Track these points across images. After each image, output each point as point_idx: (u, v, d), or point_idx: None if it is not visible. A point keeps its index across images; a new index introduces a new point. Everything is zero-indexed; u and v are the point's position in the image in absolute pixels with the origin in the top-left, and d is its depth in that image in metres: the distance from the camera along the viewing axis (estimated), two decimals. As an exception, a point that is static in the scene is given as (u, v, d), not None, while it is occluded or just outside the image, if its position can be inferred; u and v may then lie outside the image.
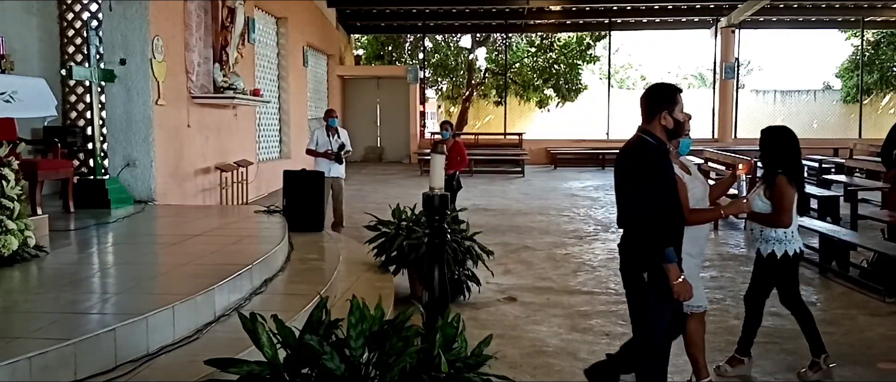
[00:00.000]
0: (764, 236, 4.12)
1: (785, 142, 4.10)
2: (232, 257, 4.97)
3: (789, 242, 4.10)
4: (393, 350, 2.41)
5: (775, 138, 4.13)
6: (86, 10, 8.54)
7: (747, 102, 26.51)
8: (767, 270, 4.18)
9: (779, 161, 4.07)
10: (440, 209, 3.68)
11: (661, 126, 3.21)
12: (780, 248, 4.10)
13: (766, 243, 4.11)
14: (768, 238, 4.10)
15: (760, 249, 4.15)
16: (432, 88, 26.87)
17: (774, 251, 4.10)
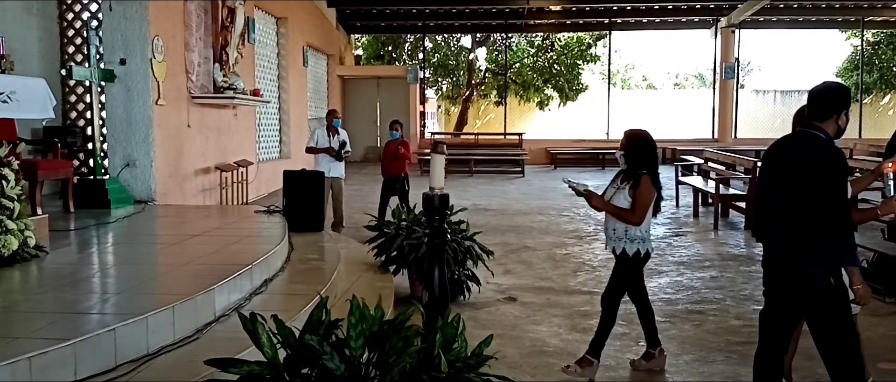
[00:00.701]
0: (629, 236, 4.16)
1: (648, 146, 4.22)
2: (232, 257, 4.97)
3: (648, 241, 4.22)
4: (393, 350, 2.41)
5: (640, 142, 4.23)
6: (86, 10, 8.55)
7: (747, 103, 26.51)
8: (623, 269, 4.24)
9: (642, 163, 4.17)
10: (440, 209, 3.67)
11: (836, 126, 3.15)
12: (643, 246, 4.19)
13: (631, 242, 4.17)
14: (633, 238, 4.17)
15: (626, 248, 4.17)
16: (432, 88, 26.88)
17: (639, 250, 4.18)
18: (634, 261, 4.20)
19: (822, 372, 4.23)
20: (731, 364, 4.43)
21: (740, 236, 8.82)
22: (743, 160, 10.59)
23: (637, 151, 4.21)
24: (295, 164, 12.90)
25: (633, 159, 4.21)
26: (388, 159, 8.90)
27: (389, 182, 8.85)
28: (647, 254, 4.23)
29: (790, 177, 3.12)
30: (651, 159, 4.21)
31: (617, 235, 4.21)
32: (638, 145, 4.22)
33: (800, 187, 3.08)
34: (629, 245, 4.17)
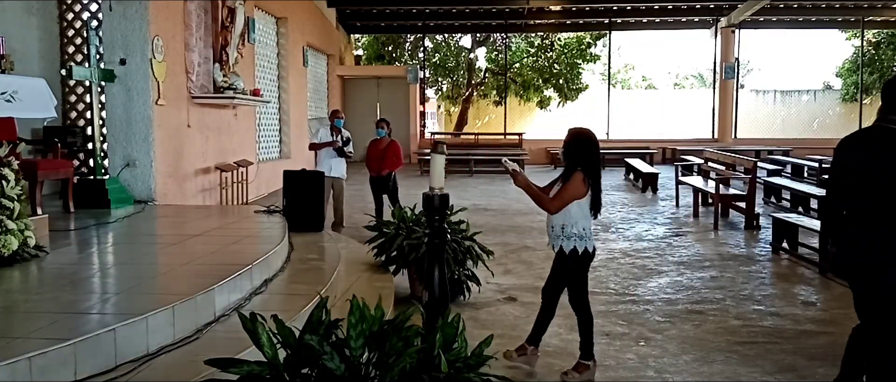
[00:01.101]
0: (565, 233, 4.16)
1: (589, 145, 4.19)
2: (232, 257, 4.97)
3: (588, 239, 4.18)
4: (393, 350, 2.41)
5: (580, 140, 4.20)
6: (86, 10, 8.55)
7: (747, 102, 26.51)
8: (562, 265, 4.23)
9: (580, 161, 4.16)
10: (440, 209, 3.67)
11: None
12: (581, 245, 4.15)
13: (568, 240, 4.15)
14: (569, 235, 4.15)
15: (563, 245, 4.17)
16: (432, 88, 26.87)
17: (575, 248, 4.15)
18: (571, 259, 4.16)
19: (823, 372, 4.25)
20: (731, 364, 4.43)
21: (740, 236, 8.82)
22: (743, 160, 10.59)
23: (576, 148, 4.19)
24: (295, 164, 12.91)
25: (571, 157, 4.20)
26: (377, 157, 8.86)
27: (380, 181, 8.83)
28: (585, 253, 4.17)
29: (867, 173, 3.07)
30: (589, 157, 4.17)
31: (554, 232, 4.21)
32: (577, 142, 4.19)
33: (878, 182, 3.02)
34: (566, 242, 4.16)
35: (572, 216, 4.14)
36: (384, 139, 8.92)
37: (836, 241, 3.27)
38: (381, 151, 8.85)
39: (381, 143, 8.91)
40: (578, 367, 4.19)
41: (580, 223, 4.15)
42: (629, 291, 6.17)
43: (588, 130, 4.28)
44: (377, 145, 8.93)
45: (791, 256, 7.49)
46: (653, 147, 19.23)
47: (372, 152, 8.97)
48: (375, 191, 8.91)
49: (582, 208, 4.14)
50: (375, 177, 8.89)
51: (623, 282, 6.48)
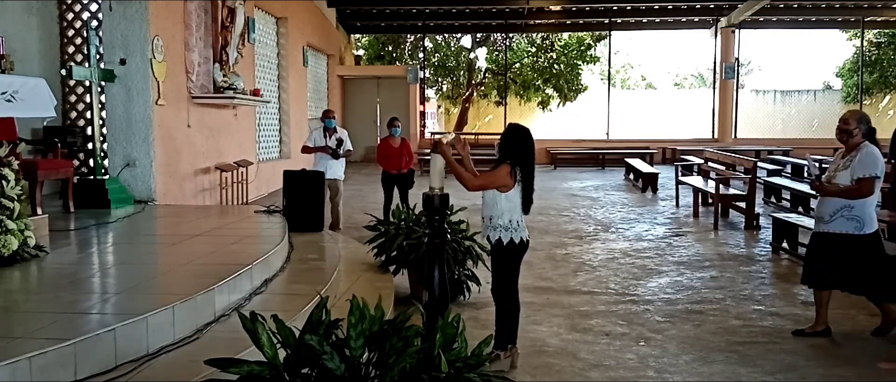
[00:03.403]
0: (492, 224, 4.20)
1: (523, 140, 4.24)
2: (232, 257, 4.97)
3: (515, 231, 4.20)
4: (393, 350, 2.41)
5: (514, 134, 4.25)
6: (86, 10, 8.55)
7: (747, 103, 26.50)
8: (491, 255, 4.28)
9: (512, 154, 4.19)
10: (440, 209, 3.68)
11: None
12: (505, 235, 4.17)
13: (494, 231, 4.19)
14: (495, 227, 4.19)
15: (490, 235, 4.22)
16: (432, 88, 26.87)
17: (501, 238, 4.18)
18: (497, 249, 4.20)
19: (822, 371, 4.25)
20: (731, 364, 4.43)
21: (740, 236, 8.82)
22: (743, 160, 10.59)
23: (510, 141, 4.22)
24: (295, 164, 12.89)
25: (504, 149, 4.23)
26: (396, 155, 8.86)
27: (402, 178, 8.84)
28: (512, 243, 4.19)
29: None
30: (522, 152, 4.20)
31: (485, 223, 4.27)
32: (512, 136, 4.24)
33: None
34: (492, 233, 4.20)
35: (499, 208, 4.18)
36: (398, 138, 8.93)
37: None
38: (399, 148, 8.86)
39: (396, 141, 8.91)
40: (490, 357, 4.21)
41: (506, 215, 4.19)
42: (629, 291, 6.17)
43: (525, 127, 4.35)
44: (392, 143, 8.91)
45: (791, 256, 7.49)
46: (653, 147, 19.22)
47: (389, 151, 8.89)
48: (390, 188, 8.88)
49: (510, 200, 4.18)
50: (395, 175, 8.85)
51: (623, 282, 6.48)
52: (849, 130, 4.68)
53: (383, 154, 8.95)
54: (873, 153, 4.58)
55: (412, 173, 8.97)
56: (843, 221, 4.64)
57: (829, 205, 4.71)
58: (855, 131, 4.66)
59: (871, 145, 4.64)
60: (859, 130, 4.66)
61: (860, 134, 4.66)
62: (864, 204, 4.60)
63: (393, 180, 8.85)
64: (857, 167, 4.57)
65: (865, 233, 4.63)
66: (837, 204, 4.65)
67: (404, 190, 8.86)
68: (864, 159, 4.57)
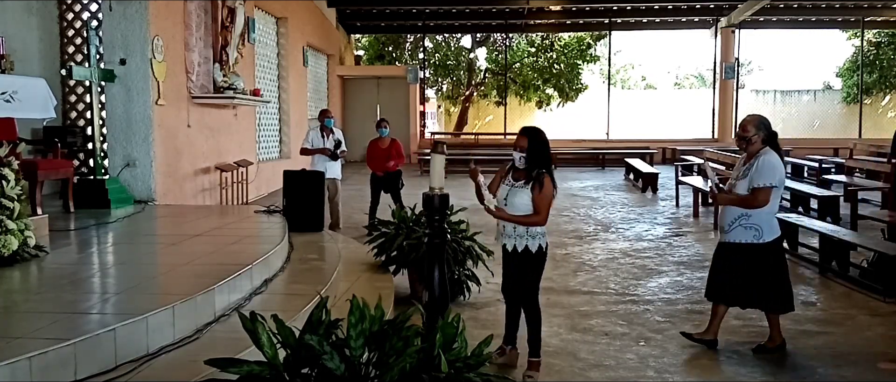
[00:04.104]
0: (530, 233, 4.13)
1: (547, 143, 4.18)
2: (232, 257, 4.97)
3: (543, 236, 4.19)
4: (393, 350, 2.41)
5: (542, 139, 4.15)
6: (86, 10, 8.55)
7: (747, 103, 26.49)
8: (523, 264, 4.19)
9: (543, 161, 4.12)
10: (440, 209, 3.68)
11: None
12: (543, 241, 4.17)
13: (532, 239, 4.14)
14: (534, 234, 4.14)
15: (527, 245, 4.14)
16: (432, 88, 26.87)
17: (540, 245, 4.15)
18: (537, 256, 4.18)
19: (822, 371, 4.25)
20: (732, 364, 4.43)
21: (740, 236, 8.81)
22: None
23: (542, 148, 4.12)
24: (295, 164, 12.88)
25: (538, 158, 4.12)
26: (382, 155, 8.84)
27: (388, 179, 8.81)
28: (546, 248, 4.22)
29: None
30: (549, 156, 4.17)
31: (517, 232, 4.17)
32: (541, 142, 4.13)
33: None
34: (531, 241, 4.14)
35: None
36: (386, 138, 8.90)
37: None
38: (386, 149, 8.84)
39: (384, 142, 8.89)
40: (534, 366, 4.21)
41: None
42: (629, 291, 6.17)
43: (541, 129, 4.31)
44: (380, 144, 8.89)
45: (791, 256, 7.48)
46: (653, 147, 19.22)
47: (376, 152, 8.87)
48: (378, 189, 8.86)
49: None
50: (381, 176, 8.83)
51: (623, 282, 6.48)
52: (747, 136, 4.46)
53: (370, 155, 8.94)
54: (771, 162, 4.37)
55: (399, 173, 8.86)
56: (741, 230, 4.46)
57: (728, 214, 4.53)
58: (754, 138, 4.44)
59: (772, 151, 4.43)
60: (759, 136, 4.44)
61: (760, 140, 4.44)
62: (761, 213, 4.41)
63: (379, 181, 8.84)
64: (754, 176, 4.38)
65: (764, 242, 4.44)
66: (736, 213, 4.48)
67: (393, 191, 8.83)
68: (761, 167, 4.36)
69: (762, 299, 4.57)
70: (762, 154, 4.42)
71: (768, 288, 4.52)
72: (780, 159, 4.45)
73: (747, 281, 4.52)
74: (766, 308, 4.64)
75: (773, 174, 4.35)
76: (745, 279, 4.52)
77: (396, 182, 8.82)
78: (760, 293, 4.53)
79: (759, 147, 4.45)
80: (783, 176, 4.45)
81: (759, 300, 4.58)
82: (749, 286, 4.52)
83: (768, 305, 4.60)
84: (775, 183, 4.36)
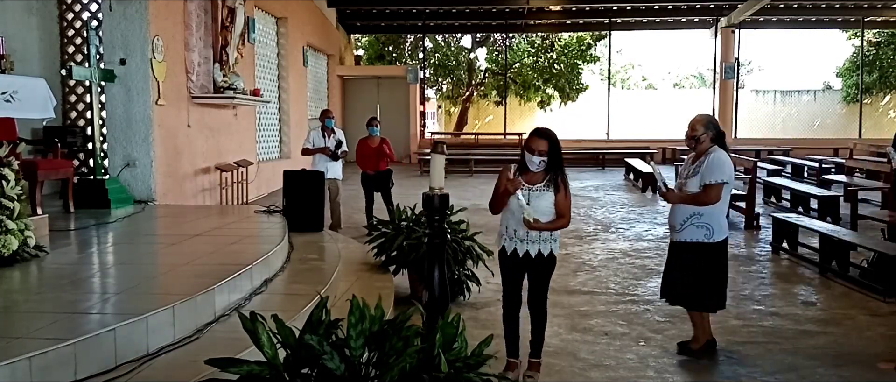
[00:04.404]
0: (552, 237, 4.06)
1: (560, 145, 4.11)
2: (232, 257, 4.97)
3: (556, 241, 4.12)
4: (393, 350, 2.41)
5: (558, 142, 4.06)
6: (86, 10, 8.55)
7: (747, 102, 26.51)
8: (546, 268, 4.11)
9: (560, 164, 4.06)
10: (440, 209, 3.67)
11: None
12: (556, 246, 4.11)
13: (555, 242, 4.08)
14: (556, 238, 4.09)
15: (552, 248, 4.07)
16: (432, 88, 26.88)
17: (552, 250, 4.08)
18: (553, 260, 4.13)
19: (823, 372, 4.25)
20: (732, 364, 4.43)
21: (740, 236, 8.82)
22: (743, 160, 10.58)
23: (558, 150, 4.04)
24: (295, 164, 12.89)
25: (558, 161, 4.03)
26: (372, 154, 8.84)
27: (379, 178, 8.82)
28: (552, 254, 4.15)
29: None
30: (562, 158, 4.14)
31: (541, 237, 4.06)
32: (558, 145, 4.05)
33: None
34: (555, 245, 4.10)
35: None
36: (376, 137, 8.91)
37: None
38: (376, 149, 8.84)
39: (374, 140, 8.90)
40: (535, 366, 4.17)
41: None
42: (629, 291, 6.17)
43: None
44: (370, 143, 8.90)
45: (791, 256, 7.49)
46: (653, 147, 19.23)
47: (366, 151, 8.88)
48: (370, 188, 8.88)
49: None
50: (373, 175, 8.84)
51: (623, 282, 6.48)
52: (696, 136, 4.46)
53: (360, 154, 8.94)
54: (721, 159, 4.39)
55: (389, 173, 8.89)
56: (693, 229, 4.47)
57: (679, 213, 4.52)
58: (702, 137, 4.44)
59: (721, 149, 4.45)
60: (707, 135, 4.44)
61: (708, 139, 4.45)
62: (713, 211, 4.44)
63: (370, 181, 8.84)
64: (704, 173, 4.39)
65: (715, 241, 4.48)
66: (687, 212, 4.47)
67: (383, 191, 8.83)
68: (711, 164, 4.37)
69: (701, 297, 4.57)
70: (711, 152, 4.44)
71: (708, 287, 4.54)
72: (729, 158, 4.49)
73: (698, 281, 4.53)
74: (704, 308, 4.61)
75: (724, 171, 4.37)
76: (697, 279, 4.52)
77: (387, 181, 8.83)
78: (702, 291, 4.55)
79: (708, 146, 4.47)
80: (732, 173, 4.47)
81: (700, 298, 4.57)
82: (700, 285, 4.53)
83: (704, 303, 4.60)
84: (726, 179, 4.38)
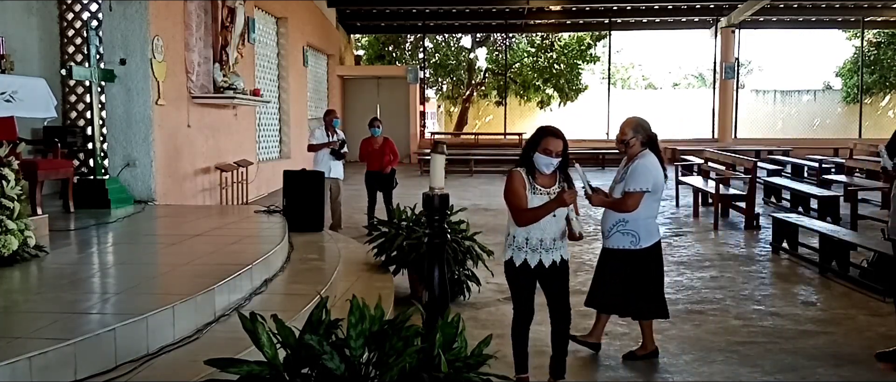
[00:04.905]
0: (556, 245, 3.92)
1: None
2: (232, 257, 4.96)
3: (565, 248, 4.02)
4: (393, 349, 2.41)
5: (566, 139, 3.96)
6: (86, 10, 8.55)
7: (747, 102, 26.50)
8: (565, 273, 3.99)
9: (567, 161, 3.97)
10: (440, 209, 3.67)
11: None
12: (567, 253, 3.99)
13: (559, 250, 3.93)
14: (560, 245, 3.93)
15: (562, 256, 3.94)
16: (432, 88, 26.88)
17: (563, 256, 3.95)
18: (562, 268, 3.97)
19: (823, 372, 4.25)
20: (732, 364, 4.43)
21: (740, 236, 8.82)
22: (743, 160, 10.59)
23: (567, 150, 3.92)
24: (295, 164, 12.91)
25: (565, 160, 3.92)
26: (376, 154, 8.85)
27: (384, 178, 8.82)
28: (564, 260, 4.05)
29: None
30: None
31: (557, 244, 3.93)
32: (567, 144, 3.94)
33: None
34: (565, 251, 3.97)
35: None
36: (379, 138, 8.92)
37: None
38: (379, 149, 8.85)
39: (376, 141, 8.91)
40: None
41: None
42: (629, 291, 6.17)
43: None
44: (373, 144, 8.91)
45: (791, 256, 7.49)
46: (652, 147, 19.21)
47: (370, 150, 8.90)
48: (373, 188, 8.89)
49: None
50: (377, 174, 8.85)
51: (623, 282, 6.48)
52: (625, 140, 4.40)
53: (364, 154, 8.95)
54: (646, 166, 4.27)
55: (393, 173, 8.92)
56: (619, 236, 4.36)
57: (608, 219, 4.43)
58: (632, 141, 4.37)
59: (651, 154, 4.33)
60: (636, 139, 4.36)
61: (638, 143, 4.35)
62: (637, 217, 4.29)
63: (375, 180, 8.85)
64: (628, 180, 4.31)
65: (642, 247, 4.33)
66: (614, 218, 4.37)
67: (386, 191, 8.85)
68: (635, 171, 4.28)
69: (636, 306, 4.46)
70: (639, 157, 4.33)
71: (643, 295, 4.41)
72: (661, 164, 4.34)
73: (625, 288, 4.40)
74: (639, 316, 4.51)
75: (647, 178, 4.24)
76: (624, 287, 4.40)
77: (390, 181, 8.86)
78: (636, 300, 4.42)
79: (638, 150, 4.36)
80: (659, 181, 4.30)
81: (634, 307, 4.47)
82: (627, 292, 4.40)
83: (642, 312, 4.48)
84: (648, 187, 4.24)
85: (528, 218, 3.82)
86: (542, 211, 3.78)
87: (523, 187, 3.84)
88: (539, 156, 3.80)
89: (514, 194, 3.85)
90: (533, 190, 3.84)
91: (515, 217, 3.88)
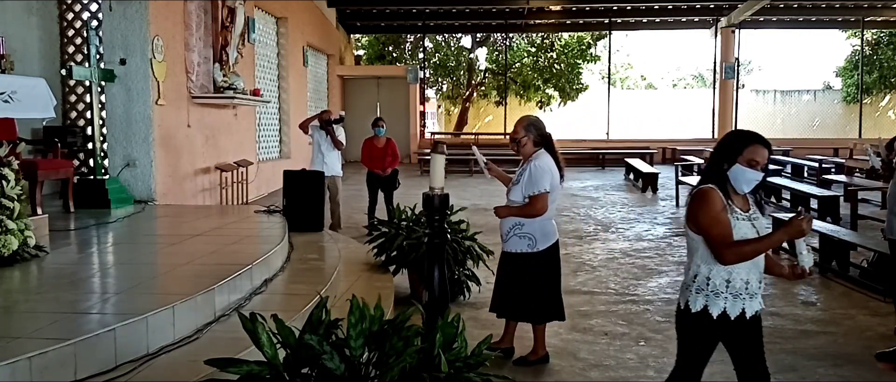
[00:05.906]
0: (760, 288, 3.70)
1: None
2: (232, 257, 4.96)
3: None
4: (393, 349, 2.41)
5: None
6: (86, 10, 8.55)
7: (747, 102, 26.49)
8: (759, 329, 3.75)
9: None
10: (440, 209, 3.68)
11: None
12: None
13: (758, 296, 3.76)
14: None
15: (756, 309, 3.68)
16: (432, 88, 26.88)
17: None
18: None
19: (822, 371, 4.25)
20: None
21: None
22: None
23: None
24: (295, 164, 12.90)
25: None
26: (380, 155, 8.84)
27: (386, 178, 8.81)
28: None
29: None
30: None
31: (762, 286, 3.63)
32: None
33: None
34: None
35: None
36: (382, 138, 8.91)
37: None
38: (382, 149, 8.83)
39: (380, 141, 8.90)
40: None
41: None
42: (629, 291, 6.17)
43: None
44: (376, 144, 8.90)
45: (791, 256, 7.48)
46: (653, 147, 19.23)
47: (373, 151, 8.88)
48: (375, 188, 8.87)
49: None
50: (379, 175, 8.83)
51: (623, 282, 6.48)
52: (517, 139, 4.25)
53: (367, 154, 8.93)
54: (541, 166, 4.17)
55: (396, 173, 8.91)
56: (516, 239, 4.26)
57: (505, 223, 4.33)
58: (524, 140, 4.23)
59: (546, 153, 4.24)
60: (529, 137, 4.23)
61: (530, 142, 4.24)
62: (534, 220, 4.22)
63: (377, 181, 8.84)
64: (526, 184, 4.18)
65: (538, 250, 4.24)
66: (511, 221, 4.28)
67: (388, 191, 8.84)
68: (532, 173, 4.16)
69: (529, 310, 4.36)
70: (534, 159, 4.22)
71: (535, 299, 4.31)
72: (557, 163, 4.27)
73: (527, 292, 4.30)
74: (532, 320, 4.39)
75: (543, 179, 4.15)
76: (525, 290, 4.31)
77: (393, 182, 8.85)
78: (528, 303, 4.32)
79: (531, 150, 4.26)
80: (556, 180, 4.23)
81: (527, 311, 4.37)
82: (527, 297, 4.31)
83: (535, 316, 4.37)
84: (546, 188, 4.16)
85: (744, 254, 2.96)
86: (766, 244, 2.98)
87: (725, 212, 2.91)
88: (742, 169, 2.96)
89: (718, 221, 2.88)
90: (732, 214, 2.94)
91: (720, 253, 2.92)
